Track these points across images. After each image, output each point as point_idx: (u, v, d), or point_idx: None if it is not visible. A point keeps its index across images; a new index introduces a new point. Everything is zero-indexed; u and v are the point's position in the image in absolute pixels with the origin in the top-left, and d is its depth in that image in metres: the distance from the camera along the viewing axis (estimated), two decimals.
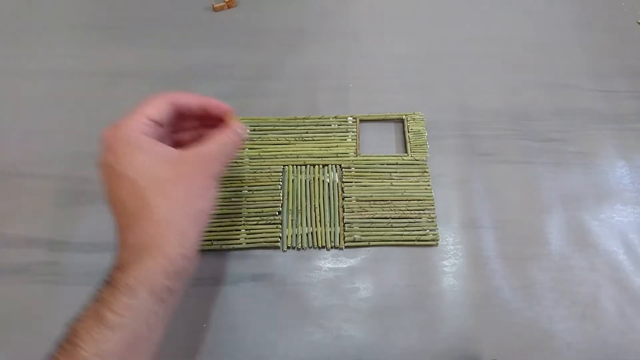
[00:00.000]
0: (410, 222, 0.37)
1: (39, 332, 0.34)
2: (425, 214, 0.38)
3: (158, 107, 0.28)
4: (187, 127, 0.32)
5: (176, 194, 0.26)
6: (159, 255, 0.24)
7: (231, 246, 0.36)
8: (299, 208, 0.38)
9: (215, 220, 0.37)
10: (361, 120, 0.43)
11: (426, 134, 0.42)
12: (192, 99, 0.30)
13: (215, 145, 0.29)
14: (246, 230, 0.37)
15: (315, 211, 0.38)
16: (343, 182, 0.39)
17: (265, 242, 0.37)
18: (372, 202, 0.38)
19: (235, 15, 0.51)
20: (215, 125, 0.31)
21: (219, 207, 0.38)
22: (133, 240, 0.25)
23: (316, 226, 0.37)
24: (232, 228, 0.37)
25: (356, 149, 0.41)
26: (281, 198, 0.38)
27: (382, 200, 0.38)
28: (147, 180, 0.25)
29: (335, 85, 0.45)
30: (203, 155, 0.28)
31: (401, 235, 0.37)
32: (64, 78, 0.46)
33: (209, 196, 0.28)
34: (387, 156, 0.41)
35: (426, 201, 0.38)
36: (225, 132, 0.30)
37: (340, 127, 0.42)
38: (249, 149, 0.41)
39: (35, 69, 0.47)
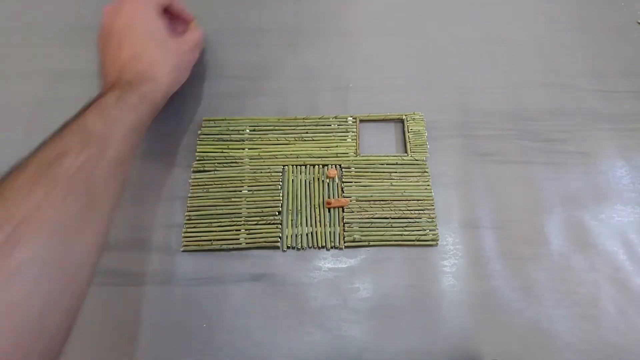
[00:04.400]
0: (410, 222, 0.37)
1: None
2: (425, 214, 0.38)
3: None
4: None
5: (167, 47, 0.37)
6: (158, 82, 0.35)
7: (231, 246, 0.36)
8: (299, 208, 0.38)
9: (215, 220, 0.37)
10: (361, 121, 0.43)
11: (426, 134, 0.42)
12: (177, 4, 0.42)
13: (193, 35, 0.42)
14: (246, 230, 0.37)
15: (315, 211, 0.38)
16: (343, 182, 0.39)
17: (265, 242, 0.37)
18: (372, 202, 0.38)
19: (235, 15, 0.51)
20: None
21: (219, 207, 0.38)
22: (135, 72, 0.34)
23: (316, 226, 0.37)
24: (232, 228, 0.37)
25: (356, 149, 0.41)
26: (281, 198, 0.38)
27: (382, 200, 0.38)
28: (153, 34, 0.37)
29: (335, 85, 0.45)
30: (189, 40, 0.41)
31: (401, 235, 0.37)
32: (64, 78, 0.46)
33: (185, 68, 0.40)
34: (387, 156, 0.41)
35: (426, 201, 0.38)
36: (194, 31, 0.43)
37: (340, 127, 0.42)
38: (249, 149, 0.41)
39: (35, 69, 0.47)
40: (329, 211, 0.38)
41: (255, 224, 0.37)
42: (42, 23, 0.50)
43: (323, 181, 0.39)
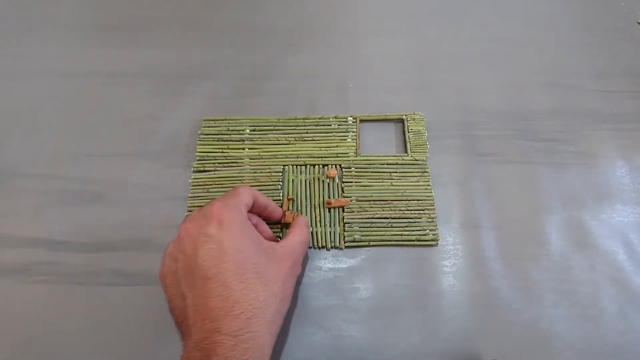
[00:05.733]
0: (410, 222, 0.37)
1: (39, 332, 0.34)
2: (425, 214, 0.38)
3: (248, 197, 0.31)
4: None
5: (269, 288, 0.27)
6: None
7: None
8: (299, 208, 0.38)
9: None
10: (361, 120, 0.43)
11: (426, 134, 0.42)
12: (262, 198, 0.33)
13: (297, 237, 0.32)
14: None
15: (315, 211, 0.38)
16: (343, 182, 0.39)
17: None
18: (372, 202, 0.38)
19: (235, 15, 0.51)
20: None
21: None
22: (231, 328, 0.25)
23: (316, 226, 0.37)
24: None
25: (356, 149, 0.41)
26: (281, 198, 0.38)
27: (382, 200, 0.38)
28: (251, 265, 0.27)
29: (335, 85, 0.45)
30: (290, 249, 0.31)
31: (401, 235, 0.37)
32: (64, 78, 0.46)
33: (289, 297, 0.30)
34: (387, 156, 0.41)
35: (426, 201, 0.38)
36: (300, 228, 0.33)
37: (340, 127, 0.42)
38: (249, 149, 0.41)
39: (35, 69, 0.47)
40: (329, 211, 0.38)
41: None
42: (42, 23, 0.51)
43: (323, 181, 0.39)
